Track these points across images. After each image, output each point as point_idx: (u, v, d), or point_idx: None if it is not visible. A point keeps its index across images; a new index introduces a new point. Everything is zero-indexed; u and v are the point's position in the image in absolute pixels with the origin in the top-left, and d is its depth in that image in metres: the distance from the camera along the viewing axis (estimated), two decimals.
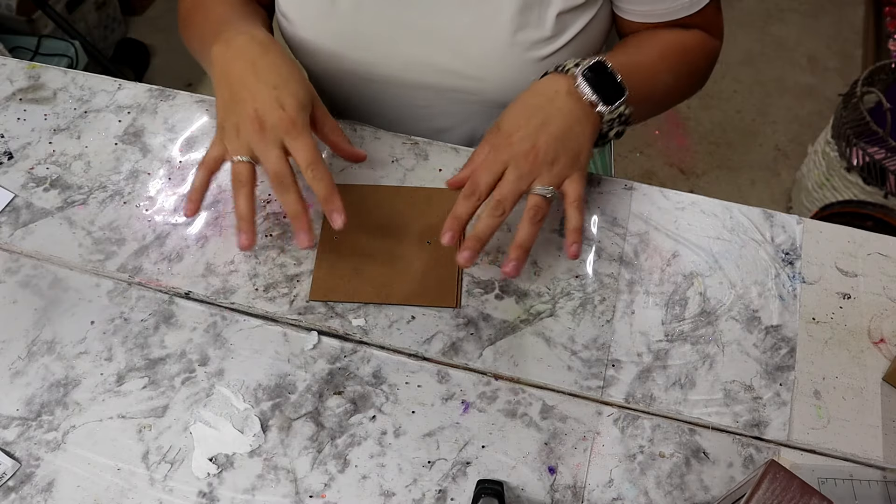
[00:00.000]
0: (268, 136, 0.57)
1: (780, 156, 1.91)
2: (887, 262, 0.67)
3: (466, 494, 0.55)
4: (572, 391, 0.60)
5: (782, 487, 0.44)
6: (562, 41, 0.69)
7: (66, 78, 0.79)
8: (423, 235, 0.67)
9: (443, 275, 0.64)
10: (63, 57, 1.72)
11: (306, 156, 0.58)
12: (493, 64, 0.70)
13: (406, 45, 0.71)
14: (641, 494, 0.56)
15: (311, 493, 0.55)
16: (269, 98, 0.58)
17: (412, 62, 0.72)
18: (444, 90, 0.74)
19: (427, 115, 0.77)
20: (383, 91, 0.77)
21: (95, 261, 0.66)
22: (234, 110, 0.59)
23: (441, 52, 0.71)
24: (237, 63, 0.60)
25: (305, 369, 0.61)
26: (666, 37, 0.72)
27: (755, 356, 0.62)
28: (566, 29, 0.69)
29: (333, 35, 0.72)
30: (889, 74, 1.57)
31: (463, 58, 0.70)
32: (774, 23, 2.20)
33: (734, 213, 0.69)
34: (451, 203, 0.61)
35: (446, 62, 0.71)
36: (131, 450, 0.57)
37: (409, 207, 0.69)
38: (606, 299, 0.64)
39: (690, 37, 0.73)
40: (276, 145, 0.58)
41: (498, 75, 0.70)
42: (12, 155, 0.73)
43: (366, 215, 0.68)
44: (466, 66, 0.71)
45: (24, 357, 0.61)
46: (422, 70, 0.73)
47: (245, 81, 0.59)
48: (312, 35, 0.73)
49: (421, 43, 0.71)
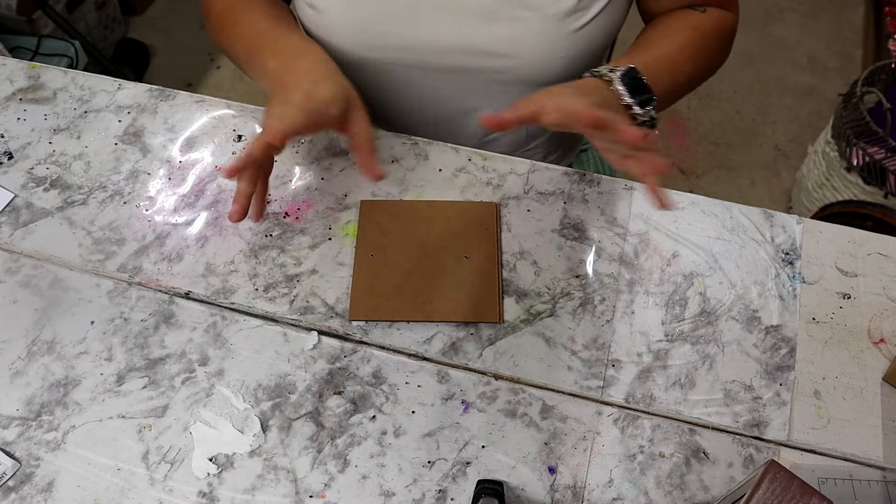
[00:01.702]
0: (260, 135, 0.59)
1: (780, 156, 1.91)
2: (887, 262, 0.67)
3: (466, 494, 0.55)
4: (572, 391, 0.60)
5: (782, 487, 0.44)
6: (592, 13, 0.70)
7: (66, 78, 0.79)
8: (460, 250, 0.67)
9: (483, 289, 0.64)
10: (63, 57, 1.72)
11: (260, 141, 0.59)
12: (525, 40, 0.70)
13: (435, 27, 0.71)
14: (641, 494, 0.56)
15: (311, 493, 0.55)
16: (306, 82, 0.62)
17: (441, 44, 0.72)
18: (473, 70, 0.74)
19: (455, 97, 0.77)
20: (410, 74, 0.76)
21: (95, 261, 0.66)
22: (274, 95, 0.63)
23: (471, 33, 0.71)
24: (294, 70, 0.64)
25: (305, 369, 0.61)
26: (684, 26, 0.73)
27: (755, 356, 0.62)
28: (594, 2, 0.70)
29: (360, 20, 0.72)
30: (889, 74, 1.57)
31: (494, 37, 0.71)
32: (774, 23, 2.20)
33: (734, 213, 0.69)
34: (485, 216, 0.67)
35: (476, 42, 0.71)
36: (131, 450, 0.57)
37: (444, 223, 0.69)
38: (606, 299, 0.64)
39: (708, 20, 0.74)
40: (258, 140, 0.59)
41: (530, 51, 0.71)
42: (12, 155, 0.73)
43: (401, 232, 0.68)
44: (497, 45, 0.71)
45: (24, 357, 0.61)
46: (451, 51, 0.73)
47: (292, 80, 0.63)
48: (339, 22, 0.73)
49: (450, 24, 0.71)
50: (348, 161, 0.72)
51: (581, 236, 0.68)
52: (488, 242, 0.67)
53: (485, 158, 0.73)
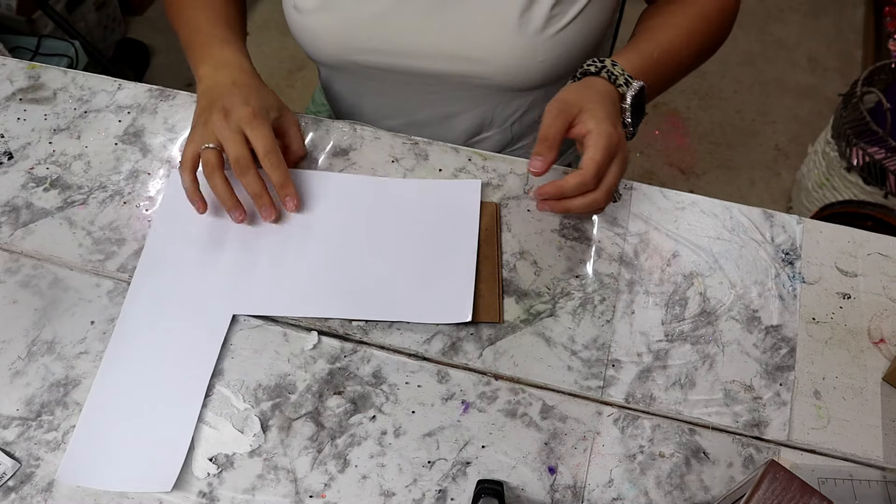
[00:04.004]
0: (231, 124, 0.64)
1: (780, 156, 1.91)
2: (887, 262, 0.67)
3: (466, 494, 0.55)
4: (572, 391, 0.60)
5: (782, 487, 0.44)
6: (569, 16, 0.70)
7: (66, 78, 0.79)
8: None
9: (484, 290, 0.64)
10: (63, 57, 1.72)
11: (264, 144, 0.64)
12: (501, 46, 0.71)
13: (414, 33, 0.72)
14: (641, 494, 0.56)
15: (311, 493, 0.55)
16: (236, 97, 0.66)
17: (420, 49, 0.73)
18: (452, 75, 0.75)
19: (435, 101, 0.78)
20: (391, 78, 0.77)
21: (95, 261, 0.66)
22: (207, 110, 0.66)
23: (449, 39, 0.71)
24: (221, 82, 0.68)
25: (305, 369, 0.61)
26: (690, 12, 0.73)
27: (755, 356, 0.62)
28: (569, 9, 0.70)
29: (341, 24, 0.73)
30: (889, 74, 1.57)
31: (471, 43, 0.71)
32: (774, 23, 2.20)
33: (734, 213, 0.69)
34: (485, 216, 0.68)
35: (455, 48, 0.72)
36: None
37: None
38: (606, 299, 0.64)
39: (711, 4, 0.74)
40: (237, 132, 0.64)
41: (504, 58, 0.71)
42: (12, 155, 0.73)
43: None
44: (474, 51, 0.71)
45: (24, 357, 0.61)
46: (430, 57, 0.73)
47: (222, 92, 0.67)
48: (320, 25, 0.74)
49: (429, 30, 0.71)
50: (348, 161, 0.72)
51: (581, 236, 0.68)
52: (488, 242, 0.67)
53: (485, 158, 0.73)
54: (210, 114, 0.65)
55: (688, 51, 0.73)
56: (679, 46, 0.72)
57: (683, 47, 0.72)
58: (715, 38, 0.76)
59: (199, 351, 0.61)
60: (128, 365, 0.60)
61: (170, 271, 0.65)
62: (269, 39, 2.05)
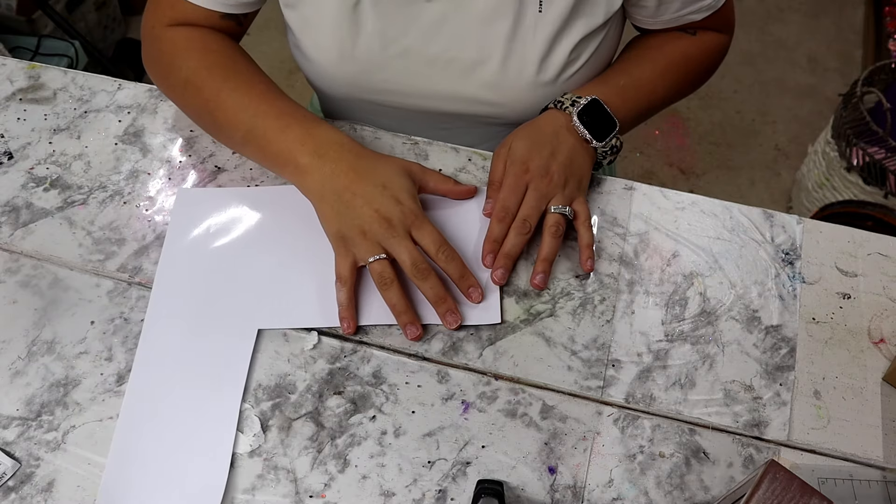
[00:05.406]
0: (397, 231, 0.61)
1: (780, 156, 1.91)
2: (887, 262, 0.67)
3: (466, 494, 0.55)
4: (572, 391, 0.60)
5: (782, 487, 0.44)
6: (579, 64, 0.71)
7: (66, 78, 0.79)
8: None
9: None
10: (63, 57, 1.72)
11: (433, 240, 0.61)
12: (514, 90, 0.72)
13: (427, 77, 0.72)
14: (641, 494, 0.56)
15: (311, 493, 0.55)
16: (384, 197, 0.61)
17: (439, 92, 0.73)
18: (467, 115, 0.76)
19: (446, 136, 0.77)
20: (401, 114, 0.77)
21: (95, 261, 0.66)
22: (352, 216, 0.61)
23: (462, 82, 0.72)
24: (339, 173, 0.62)
25: (305, 369, 0.61)
26: (669, 49, 0.75)
27: (755, 356, 0.62)
28: (583, 52, 0.71)
29: (356, 73, 0.72)
30: (889, 74, 1.57)
31: (485, 86, 0.72)
32: (774, 23, 2.20)
33: (734, 213, 0.69)
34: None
35: (472, 92, 0.72)
36: None
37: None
38: (606, 299, 0.64)
39: (695, 44, 0.75)
40: (405, 237, 0.61)
41: (523, 102, 0.73)
42: (12, 155, 0.73)
43: None
44: (488, 94, 0.72)
45: (24, 357, 0.61)
46: (448, 99, 0.74)
47: (353, 189, 0.62)
48: (332, 73, 0.73)
49: (443, 74, 0.71)
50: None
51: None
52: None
53: (485, 158, 0.73)
54: (363, 221, 0.61)
55: (661, 85, 0.74)
56: (652, 78, 0.73)
57: (657, 80, 0.74)
58: (695, 76, 0.78)
59: (226, 376, 0.59)
60: (154, 396, 0.59)
61: (188, 296, 0.63)
62: (269, 39, 2.05)
